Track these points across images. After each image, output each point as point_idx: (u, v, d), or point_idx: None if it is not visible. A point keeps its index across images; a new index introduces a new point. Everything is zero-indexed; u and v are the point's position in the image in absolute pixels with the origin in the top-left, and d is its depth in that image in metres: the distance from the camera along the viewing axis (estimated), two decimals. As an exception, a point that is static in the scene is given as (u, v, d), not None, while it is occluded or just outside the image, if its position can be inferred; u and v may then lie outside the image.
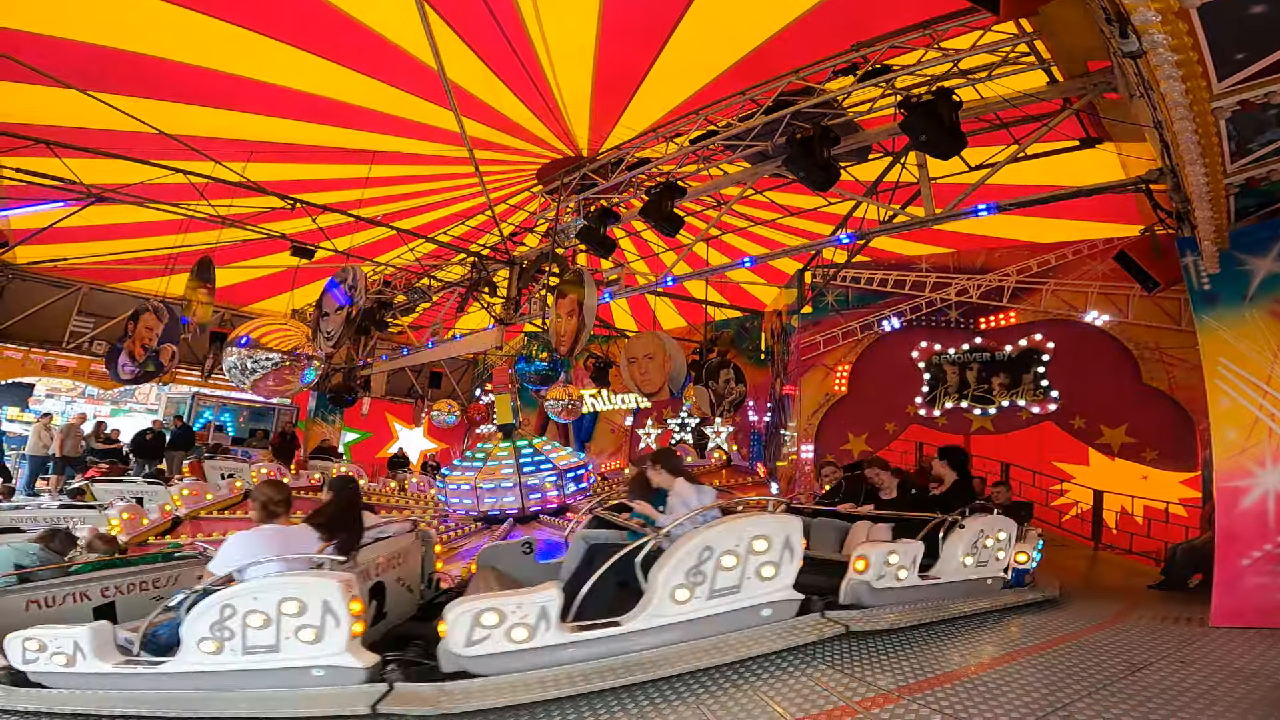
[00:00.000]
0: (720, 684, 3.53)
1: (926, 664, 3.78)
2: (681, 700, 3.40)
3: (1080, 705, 3.23)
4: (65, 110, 7.21)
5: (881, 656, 3.86)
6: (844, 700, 3.26)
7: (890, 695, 3.30)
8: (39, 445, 13.38)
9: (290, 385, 9.21)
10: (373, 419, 17.97)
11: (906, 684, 3.46)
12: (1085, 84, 5.74)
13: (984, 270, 11.30)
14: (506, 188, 10.10)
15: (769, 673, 3.63)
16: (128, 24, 6.11)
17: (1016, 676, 3.62)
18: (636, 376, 11.02)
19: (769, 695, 3.36)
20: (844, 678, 3.55)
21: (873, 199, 7.67)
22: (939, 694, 3.32)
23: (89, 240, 10.90)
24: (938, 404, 11.65)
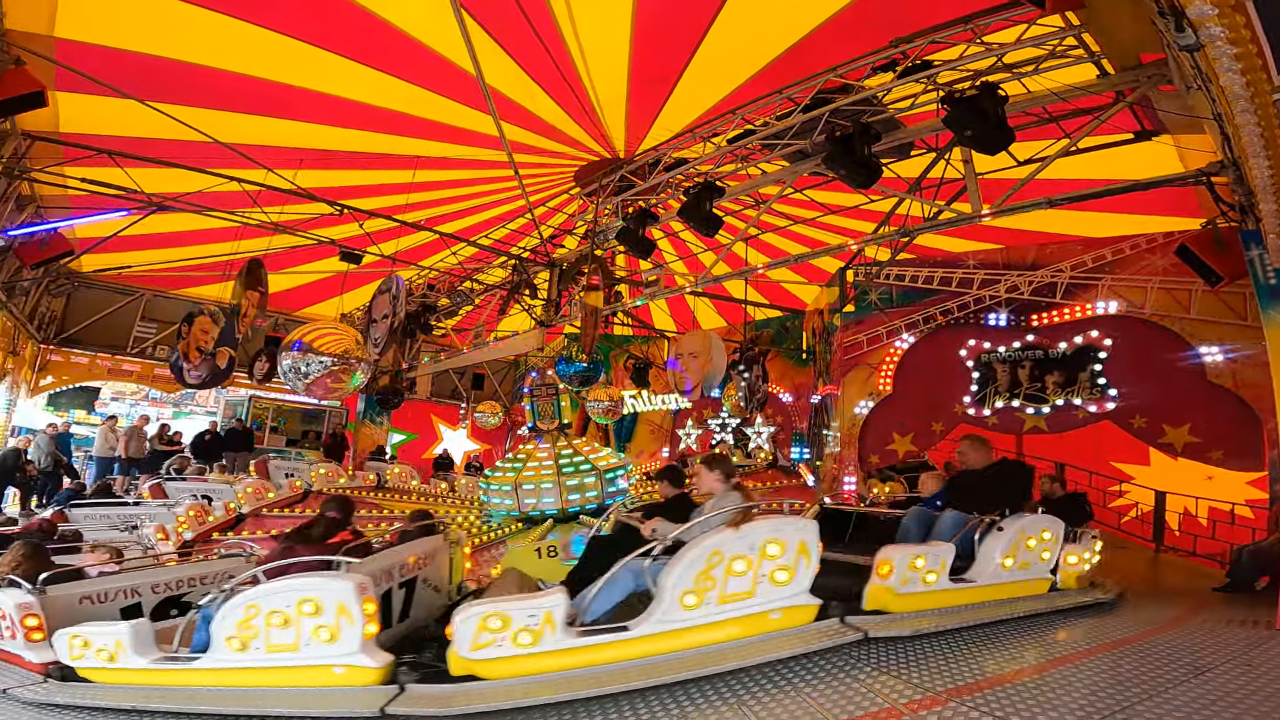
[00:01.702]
0: (736, 690, 3.48)
1: (974, 668, 3.66)
2: (693, 705, 3.37)
3: (1140, 709, 3.11)
4: (125, 120, 7.49)
5: (925, 661, 3.75)
6: (889, 703, 3.19)
7: (939, 697, 3.22)
8: (105, 447, 14.00)
9: (341, 388, 9.44)
10: (418, 420, 18.34)
11: (954, 687, 3.36)
12: (1138, 76, 5.55)
13: (1035, 266, 10.95)
14: (545, 190, 10.20)
15: (800, 677, 3.56)
16: (183, 35, 6.34)
17: (1071, 679, 3.49)
18: (690, 368, 11.04)
19: (788, 701, 3.30)
20: (890, 679, 3.46)
21: (916, 195, 7.52)
22: (987, 697, 3.22)
23: (150, 248, 11.40)
24: (987, 403, 11.33)
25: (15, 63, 5.88)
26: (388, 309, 10.45)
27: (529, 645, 3.63)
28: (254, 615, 3.82)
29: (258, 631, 3.81)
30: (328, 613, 3.70)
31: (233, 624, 3.87)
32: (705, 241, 10.64)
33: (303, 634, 3.74)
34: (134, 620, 4.38)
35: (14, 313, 11.30)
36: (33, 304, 12.47)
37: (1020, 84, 6.00)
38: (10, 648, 4.77)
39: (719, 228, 7.85)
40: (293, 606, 3.74)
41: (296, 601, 3.74)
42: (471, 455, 18.84)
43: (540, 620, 3.64)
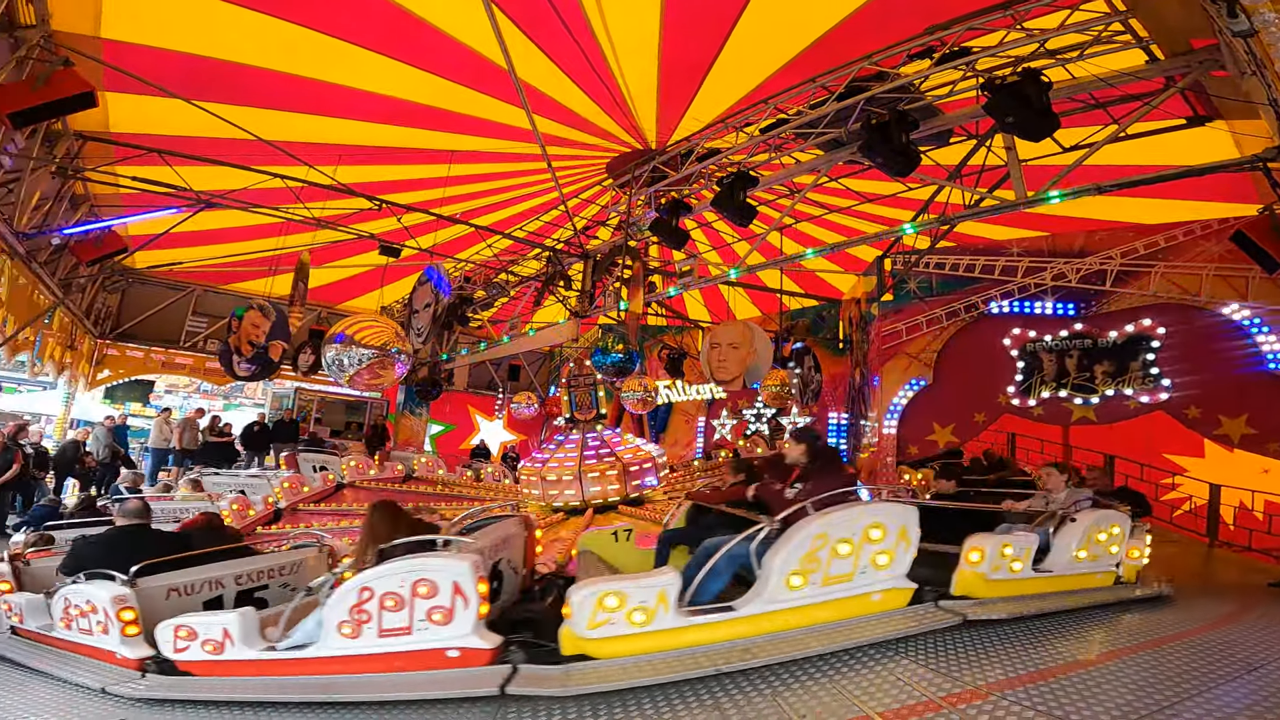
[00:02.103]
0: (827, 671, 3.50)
1: (1027, 659, 3.62)
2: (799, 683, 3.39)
3: (1189, 704, 3.02)
4: (172, 119, 7.70)
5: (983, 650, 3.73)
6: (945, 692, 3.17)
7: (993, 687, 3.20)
8: (160, 439, 14.54)
9: (382, 379, 9.63)
10: (455, 411, 18.64)
11: (1005, 679, 3.32)
12: (1189, 62, 5.35)
13: (1083, 253, 10.64)
14: (578, 182, 10.23)
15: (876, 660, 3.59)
16: (225, 34, 6.49)
17: (1120, 674, 3.42)
18: (714, 361, 10.93)
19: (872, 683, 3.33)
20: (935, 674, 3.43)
21: (956, 183, 7.35)
22: (1034, 690, 3.17)
23: (199, 245, 11.76)
24: (1033, 393, 11.08)
25: (64, 64, 6.03)
26: (429, 298, 10.64)
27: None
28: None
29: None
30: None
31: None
32: (739, 231, 10.55)
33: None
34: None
35: (71, 309, 11.77)
36: (89, 300, 12.97)
37: (1065, 70, 5.82)
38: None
39: (753, 217, 7.78)
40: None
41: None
42: (508, 445, 19.08)
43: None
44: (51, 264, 10.11)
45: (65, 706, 4.28)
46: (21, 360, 10.70)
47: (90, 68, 6.44)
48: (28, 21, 6.05)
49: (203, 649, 4.18)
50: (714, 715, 3.17)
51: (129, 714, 4.03)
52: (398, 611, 3.69)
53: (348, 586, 3.79)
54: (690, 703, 3.32)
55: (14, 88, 5.81)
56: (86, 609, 4.74)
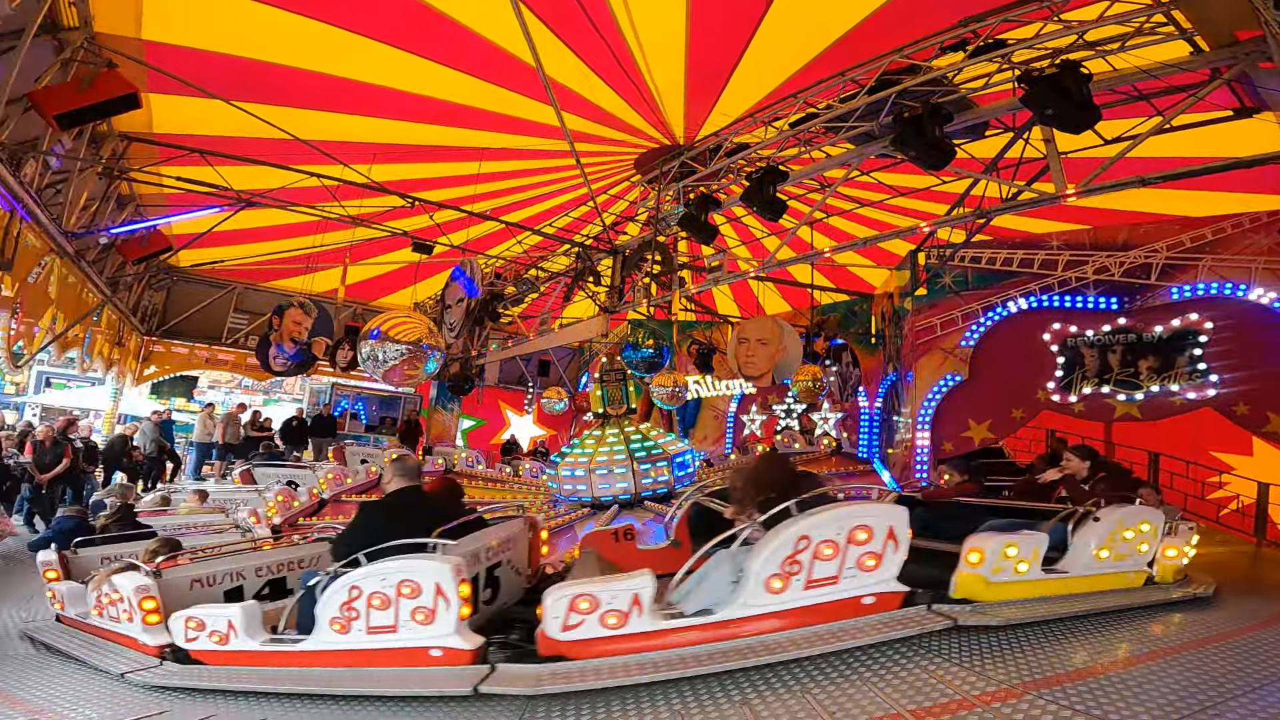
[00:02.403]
0: (814, 675, 3.44)
1: (1059, 660, 3.52)
2: (785, 686, 3.35)
3: (1233, 704, 2.92)
4: (212, 120, 7.88)
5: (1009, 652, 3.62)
6: (961, 694, 3.10)
7: (1014, 690, 3.11)
8: (204, 433, 14.98)
9: (416, 375, 9.79)
10: (486, 406, 18.84)
11: (1034, 679, 3.23)
12: (1235, 53, 5.17)
13: (1127, 246, 10.38)
14: (606, 178, 10.25)
15: (878, 664, 3.50)
16: (261, 35, 6.60)
17: (1161, 674, 3.31)
18: (742, 356, 10.89)
19: (872, 686, 3.25)
20: (962, 671, 3.37)
21: (993, 176, 7.20)
22: (1070, 690, 3.09)
23: (239, 243, 12.06)
24: (1074, 389, 10.82)
25: (108, 65, 6.22)
26: (461, 294, 10.78)
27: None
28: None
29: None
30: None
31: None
32: (769, 226, 10.47)
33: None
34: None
35: (119, 306, 12.17)
36: (136, 298, 13.40)
37: (1105, 61, 5.67)
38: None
39: (783, 212, 7.71)
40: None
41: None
42: (538, 440, 19.23)
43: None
44: (99, 263, 10.44)
45: (85, 691, 4.49)
46: (71, 357, 11.09)
47: (133, 69, 6.59)
48: (71, 24, 6.17)
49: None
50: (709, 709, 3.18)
51: (142, 700, 4.23)
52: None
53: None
54: (659, 705, 3.32)
55: (60, 89, 5.99)
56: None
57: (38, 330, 8.96)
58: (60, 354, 10.28)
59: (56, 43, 6.24)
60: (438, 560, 3.86)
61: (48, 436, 10.40)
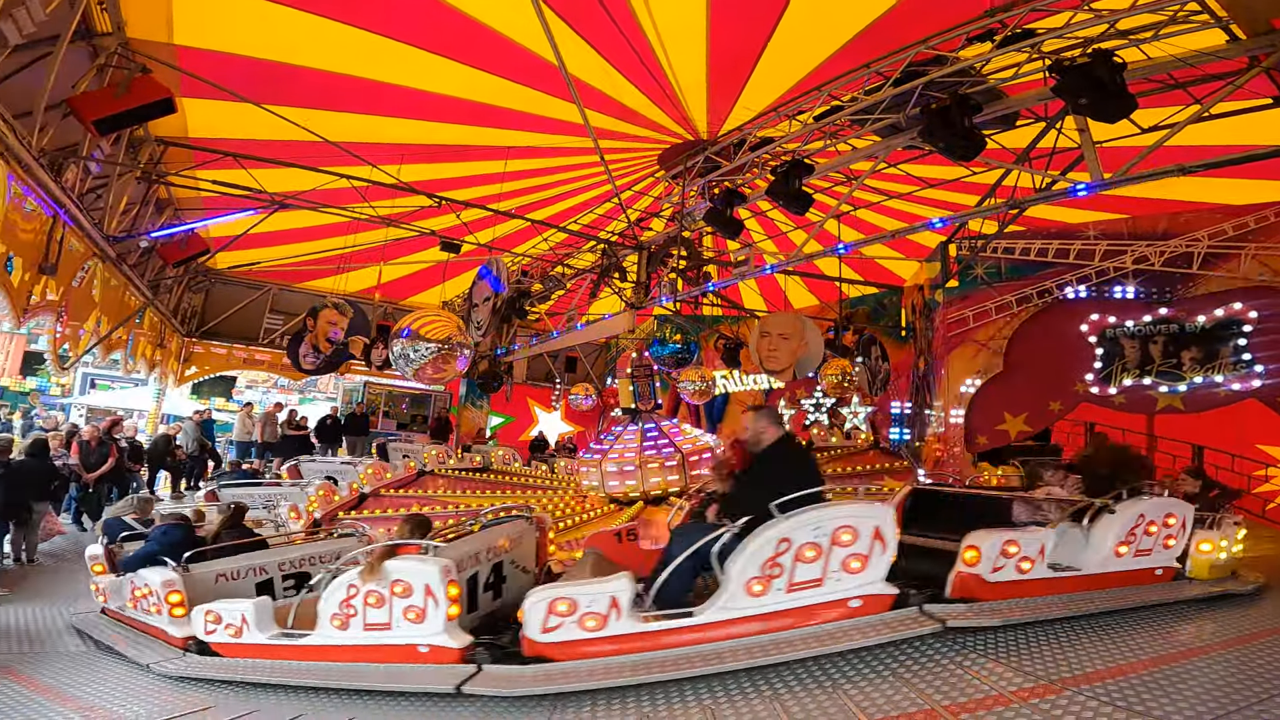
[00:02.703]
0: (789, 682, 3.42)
1: (1094, 658, 3.47)
2: (758, 693, 3.34)
3: (1276, 702, 2.84)
4: (244, 123, 8.02)
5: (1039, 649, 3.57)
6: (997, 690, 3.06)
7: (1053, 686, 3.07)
8: (243, 432, 15.34)
9: (446, 372, 9.90)
10: (515, 403, 18.96)
11: (1071, 675, 3.19)
12: (1274, 41, 5.02)
13: (1166, 235, 10.17)
14: (630, 174, 10.24)
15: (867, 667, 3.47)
16: (289, 38, 6.69)
17: (1203, 670, 3.26)
18: (764, 351, 10.84)
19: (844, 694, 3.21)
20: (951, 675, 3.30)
21: (1025, 166, 7.09)
22: (1110, 686, 3.04)
23: (273, 245, 12.32)
24: (1114, 381, 10.62)
25: (142, 70, 6.32)
26: (488, 292, 10.88)
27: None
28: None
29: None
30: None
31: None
32: (795, 219, 10.37)
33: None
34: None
35: (160, 309, 12.51)
36: (176, 300, 13.75)
37: (1139, 50, 5.53)
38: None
39: (809, 205, 7.63)
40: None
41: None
42: (565, 437, 19.32)
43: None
44: (140, 266, 10.73)
45: (113, 681, 4.72)
46: (115, 358, 11.44)
47: (167, 74, 6.70)
48: (104, 29, 6.29)
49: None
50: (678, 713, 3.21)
51: (164, 689, 4.47)
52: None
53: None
54: (644, 706, 3.36)
55: (97, 95, 6.11)
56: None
57: (83, 333, 9.24)
58: (105, 356, 10.60)
59: (91, 48, 6.36)
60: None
61: (94, 437, 10.73)
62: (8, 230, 6.25)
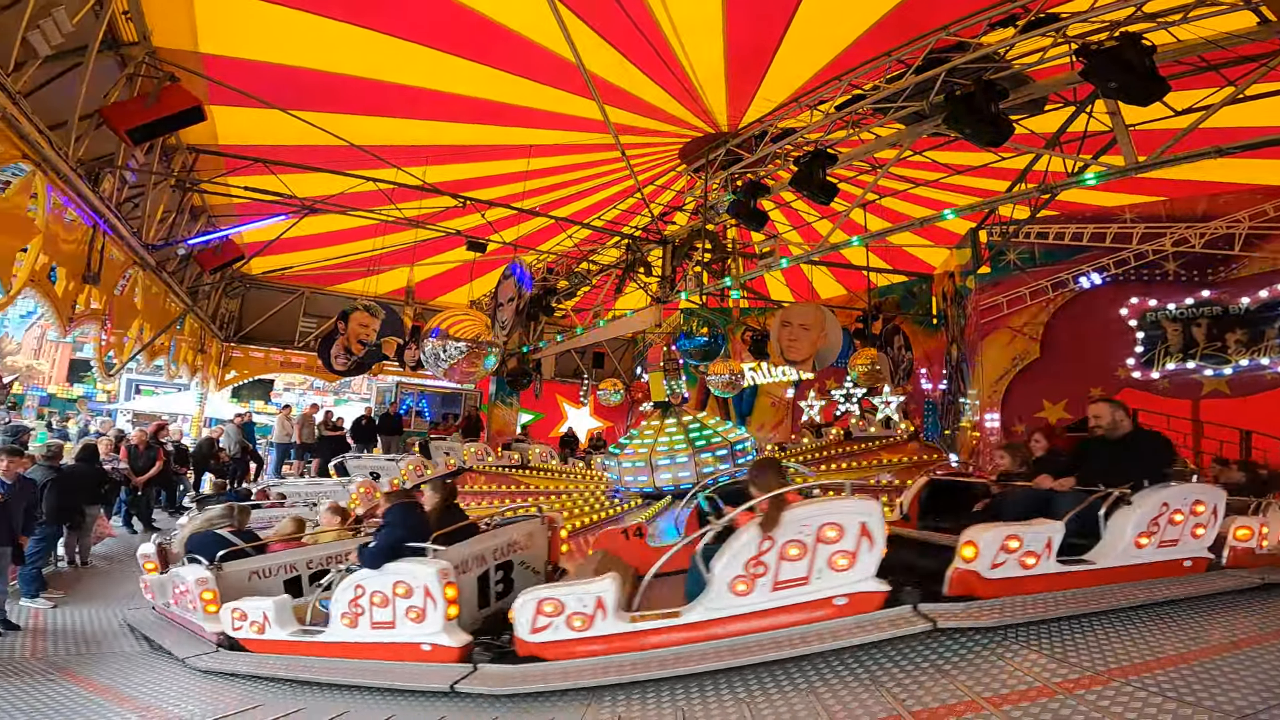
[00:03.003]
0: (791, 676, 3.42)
1: (1134, 650, 3.37)
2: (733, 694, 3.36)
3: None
4: (271, 129, 8.18)
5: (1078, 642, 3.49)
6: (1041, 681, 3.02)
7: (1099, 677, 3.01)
8: (282, 434, 15.62)
9: (475, 371, 10.03)
10: (544, 400, 19.09)
11: (1119, 667, 3.13)
12: None
13: (1206, 217, 9.98)
14: (652, 169, 10.23)
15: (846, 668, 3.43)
16: (312, 44, 6.79)
17: (1256, 660, 3.14)
18: (784, 340, 10.78)
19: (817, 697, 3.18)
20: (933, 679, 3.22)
21: (1055, 150, 6.97)
22: (1157, 677, 2.98)
23: (304, 249, 12.56)
24: (1156, 365, 10.38)
25: (170, 79, 6.46)
26: (513, 293, 10.97)
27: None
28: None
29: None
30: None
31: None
32: (819, 210, 10.26)
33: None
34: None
35: (199, 315, 12.85)
36: (214, 306, 14.12)
37: (1168, 33, 5.42)
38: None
39: (834, 195, 7.55)
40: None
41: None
42: (594, 433, 19.40)
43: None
44: (179, 273, 11.03)
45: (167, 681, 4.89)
46: (159, 364, 11.79)
47: (195, 82, 6.84)
48: (130, 39, 6.43)
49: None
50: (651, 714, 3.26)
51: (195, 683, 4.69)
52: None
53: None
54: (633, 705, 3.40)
55: (128, 105, 6.27)
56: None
57: (126, 340, 9.53)
58: (149, 362, 10.93)
59: (119, 58, 6.50)
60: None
61: (141, 441, 11.06)
62: (50, 241, 6.45)
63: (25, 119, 5.44)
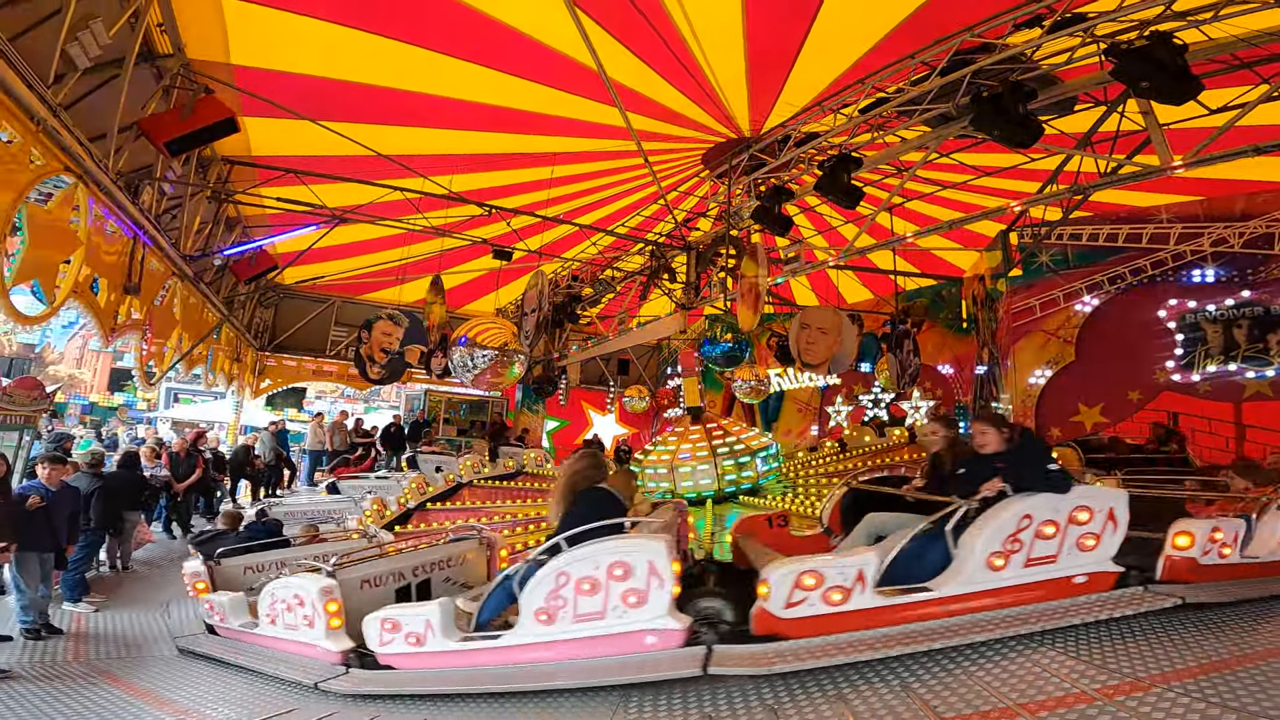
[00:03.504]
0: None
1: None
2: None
3: None
4: (301, 140, 8.29)
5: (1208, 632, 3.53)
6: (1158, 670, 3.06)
7: None
8: (315, 441, 15.96)
9: (502, 378, 10.10)
10: (570, 407, 19.19)
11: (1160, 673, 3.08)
12: None
13: (1244, 216, 9.75)
14: (675, 174, 10.24)
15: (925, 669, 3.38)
16: (339, 55, 6.87)
17: None
18: (802, 342, 10.71)
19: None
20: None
21: (1087, 151, 6.88)
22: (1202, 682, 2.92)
23: (335, 259, 12.79)
24: (1196, 367, 10.12)
25: (205, 91, 6.59)
26: (535, 304, 11.08)
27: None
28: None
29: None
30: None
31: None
32: (845, 214, 10.19)
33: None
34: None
35: (235, 324, 13.15)
36: (249, 315, 14.45)
37: (1199, 31, 5.35)
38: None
39: (860, 199, 7.50)
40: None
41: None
42: (620, 440, 19.42)
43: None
44: (215, 284, 11.30)
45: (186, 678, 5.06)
46: (197, 373, 12.09)
47: (227, 94, 6.94)
48: (165, 51, 6.55)
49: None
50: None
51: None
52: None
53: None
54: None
55: (165, 117, 6.40)
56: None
57: (166, 349, 9.80)
58: (187, 371, 11.20)
59: (155, 70, 6.64)
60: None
61: (182, 448, 11.37)
62: (92, 253, 6.61)
63: (66, 131, 5.55)
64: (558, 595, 3.79)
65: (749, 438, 10.60)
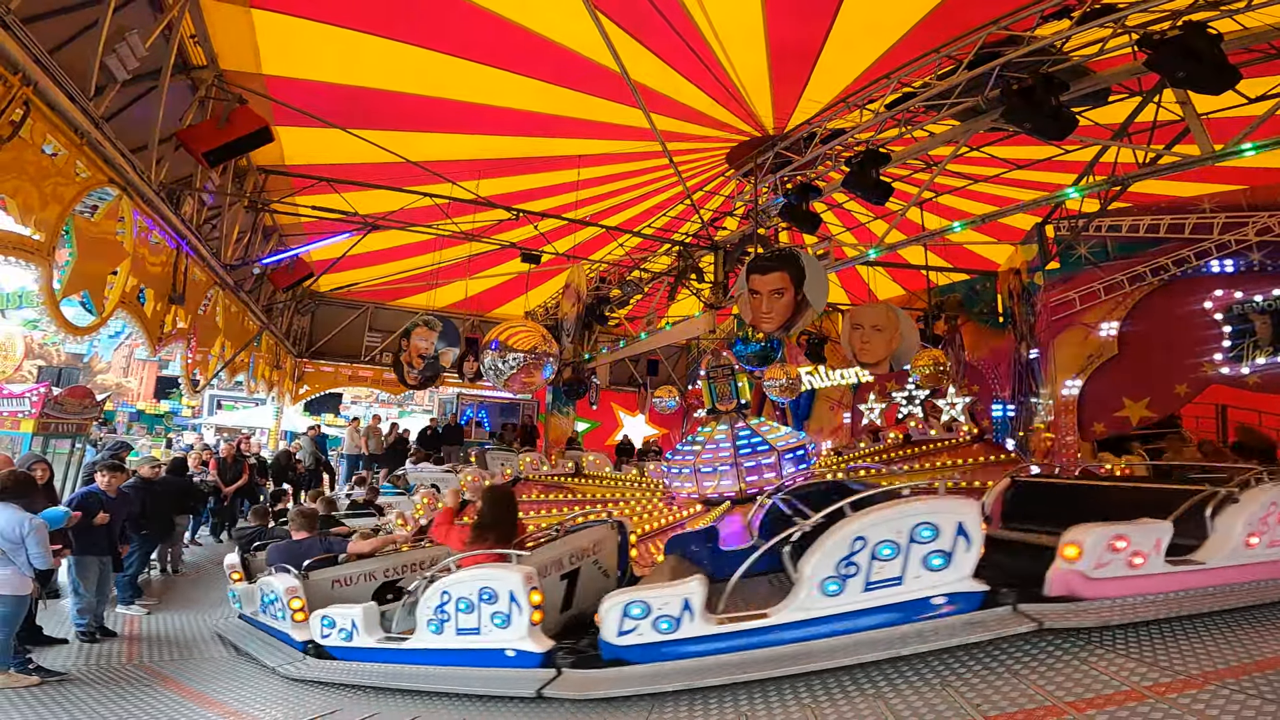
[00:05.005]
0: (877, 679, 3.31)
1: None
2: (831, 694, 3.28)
3: None
4: (332, 148, 8.45)
5: None
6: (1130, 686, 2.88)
7: None
8: (352, 445, 16.23)
9: (534, 381, 10.20)
10: (600, 408, 19.24)
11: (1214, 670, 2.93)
12: None
13: None
14: (701, 174, 10.23)
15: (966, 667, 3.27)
16: (367, 63, 7.00)
17: None
18: (856, 343, 10.54)
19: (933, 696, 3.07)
20: None
21: (1124, 141, 6.71)
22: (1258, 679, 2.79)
23: (368, 265, 13.04)
24: (1246, 359, 9.80)
25: (239, 101, 6.72)
26: (574, 298, 11.20)
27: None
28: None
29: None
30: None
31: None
32: (873, 210, 10.07)
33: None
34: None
35: (274, 332, 13.46)
36: (287, 323, 14.79)
37: (1233, 21, 5.24)
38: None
39: (889, 195, 7.41)
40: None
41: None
42: (650, 440, 19.41)
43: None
44: (254, 292, 11.56)
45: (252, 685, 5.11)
46: (239, 380, 12.42)
47: (260, 104, 7.08)
48: (199, 63, 6.72)
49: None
50: None
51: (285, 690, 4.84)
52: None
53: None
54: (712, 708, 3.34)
55: (202, 128, 6.54)
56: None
57: (210, 357, 10.08)
58: (230, 378, 11.51)
59: (191, 82, 6.81)
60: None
61: (229, 454, 11.71)
62: (137, 264, 6.79)
63: (109, 143, 5.69)
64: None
65: (776, 438, 10.51)
